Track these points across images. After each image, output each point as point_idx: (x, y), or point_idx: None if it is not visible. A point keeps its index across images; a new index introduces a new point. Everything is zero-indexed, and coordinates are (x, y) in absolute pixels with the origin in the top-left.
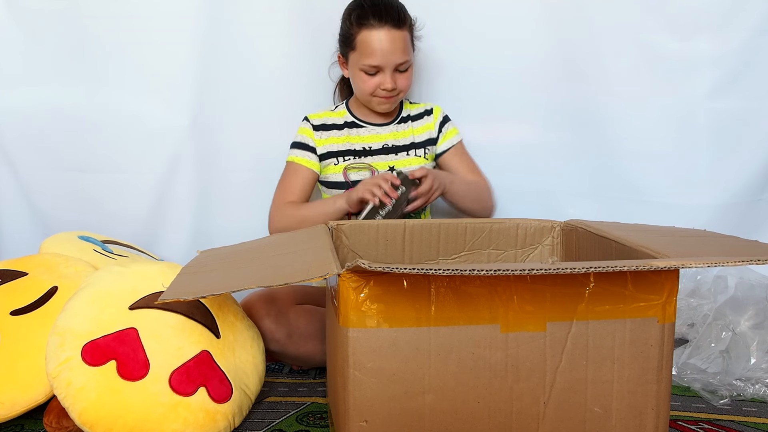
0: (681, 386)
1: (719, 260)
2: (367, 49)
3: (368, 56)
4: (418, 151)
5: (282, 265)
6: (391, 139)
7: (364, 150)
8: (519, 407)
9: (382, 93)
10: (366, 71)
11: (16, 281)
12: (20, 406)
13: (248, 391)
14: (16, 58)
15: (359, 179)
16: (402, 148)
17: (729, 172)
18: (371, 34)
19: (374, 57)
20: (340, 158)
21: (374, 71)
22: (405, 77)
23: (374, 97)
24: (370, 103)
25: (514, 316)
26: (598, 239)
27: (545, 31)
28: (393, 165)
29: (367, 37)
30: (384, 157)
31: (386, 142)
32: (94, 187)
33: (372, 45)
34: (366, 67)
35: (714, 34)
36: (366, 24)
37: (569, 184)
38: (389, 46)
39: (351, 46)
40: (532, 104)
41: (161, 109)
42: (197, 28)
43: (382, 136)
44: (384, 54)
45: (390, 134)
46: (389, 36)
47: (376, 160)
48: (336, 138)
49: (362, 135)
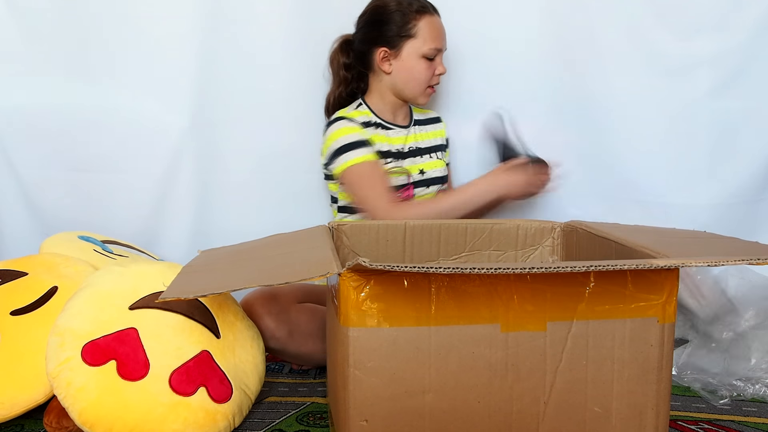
0: (681, 386)
1: (719, 260)
2: (432, 32)
3: (433, 40)
4: (439, 154)
5: (282, 265)
6: (413, 142)
7: (398, 152)
8: (519, 407)
9: (435, 80)
10: (429, 56)
11: (16, 281)
12: (20, 406)
13: (248, 391)
14: (16, 58)
15: (399, 184)
16: (425, 151)
17: (729, 172)
18: (433, 19)
19: (439, 40)
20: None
21: (435, 55)
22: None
23: (428, 87)
24: (415, 94)
25: (514, 316)
26: (598, 240)
27: (545, 32)
28: (422, 168)
29: (430, 22)
30: (412, 159)
31: (411, 145)
32: (94, 187)
33: (436, 29)
34: (430, 51)
35: (714, 34)
36: (427, 12)
37: (569, 184)
38: (444, 32)
39: (409, 34)
40: (532, 104)
41: (161, 109)
42: (197, 28)
43: (407, 138)
44: (443, 38)
45: (411, 136)
46: (441, 23)
47: (408, 164)
48: (376, 136)
49: (391, 137)
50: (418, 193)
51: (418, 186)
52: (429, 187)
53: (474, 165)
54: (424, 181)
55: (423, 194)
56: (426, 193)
